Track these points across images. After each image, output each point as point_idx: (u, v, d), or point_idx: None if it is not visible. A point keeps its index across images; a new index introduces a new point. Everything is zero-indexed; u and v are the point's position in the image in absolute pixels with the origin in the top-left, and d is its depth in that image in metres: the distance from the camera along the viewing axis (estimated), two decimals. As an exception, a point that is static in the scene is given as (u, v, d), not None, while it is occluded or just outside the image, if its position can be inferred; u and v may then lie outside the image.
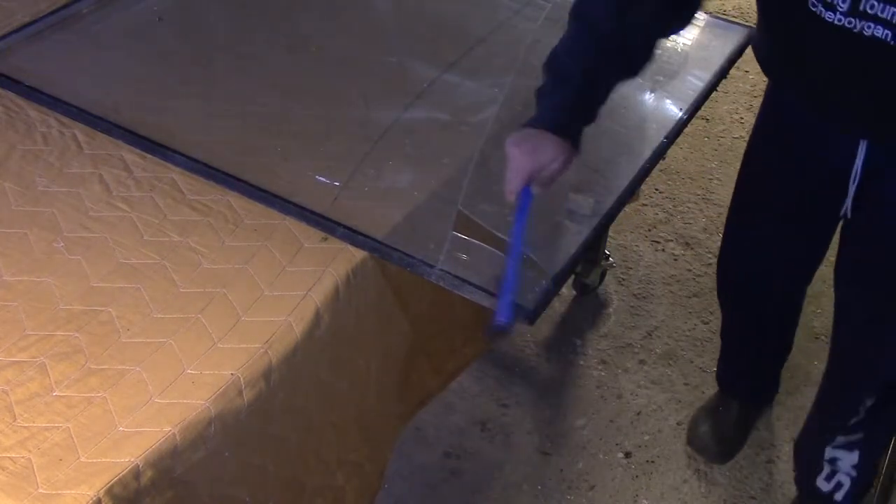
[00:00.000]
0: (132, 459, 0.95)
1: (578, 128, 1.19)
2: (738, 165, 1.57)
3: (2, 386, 1.03)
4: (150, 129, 1.40)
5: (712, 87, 1.65)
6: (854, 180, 1.34)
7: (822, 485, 1.68)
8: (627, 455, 1.93)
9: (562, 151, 1.15)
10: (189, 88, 1.55)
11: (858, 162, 1.32)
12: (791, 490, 1.85)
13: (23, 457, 0.95)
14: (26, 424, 0.99)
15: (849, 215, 1.42)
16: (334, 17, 1.79)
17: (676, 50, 1.76)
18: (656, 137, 1.50)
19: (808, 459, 1.72)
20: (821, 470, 1.67)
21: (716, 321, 2.24)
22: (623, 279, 2.35)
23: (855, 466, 1.62)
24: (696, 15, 1.29)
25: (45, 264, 1.19)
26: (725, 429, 1.93)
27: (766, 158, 1.50)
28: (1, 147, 1.37)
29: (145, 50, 1.64)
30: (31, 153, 1.37)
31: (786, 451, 1.94)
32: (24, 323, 1.11)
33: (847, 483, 1.66)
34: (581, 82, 1.17)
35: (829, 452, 1.63)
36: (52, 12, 1.67)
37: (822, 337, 2.17)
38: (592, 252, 2.17)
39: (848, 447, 1.62)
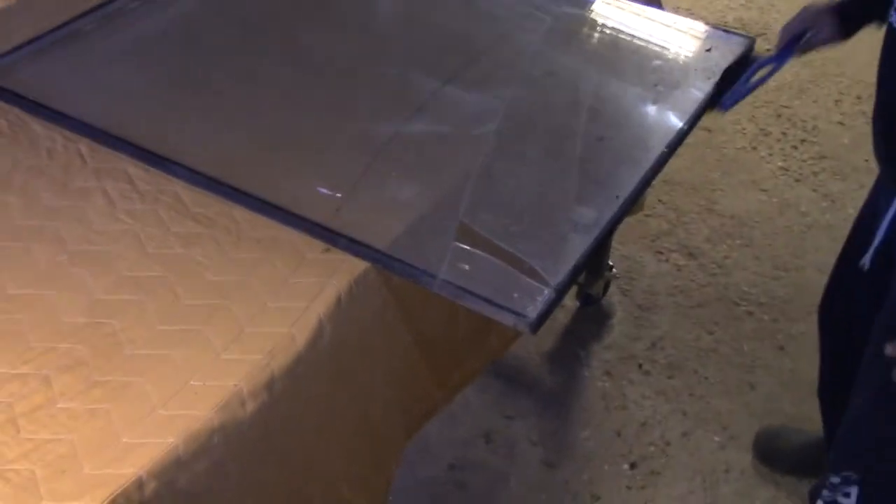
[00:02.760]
0: (135, 471, 0.95)
1: (858, 19, 1.46)
2: (740, 176, 1.59)
3: (6, 398, 1.03)
4: (154, 142, 1.41)
5: (713, 97, 1.66)
6: (881, 232, 1.38)
7: None
8: (632, 466, 1.93)
9: (831, 29, 1.45)
10: (191, 102, 1.56)
11: (889, 215, 1.35)
12: (798, 502, 1.84)
13: (26, 469, 0.95)
14: (30, 436, 0.99)
15: (866, 266, 1.42)
16: (336, 30, 1.79)
17: (678, 61, 1.76)
18: (658, 148, 1.50)
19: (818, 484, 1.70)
20: None
21: (720, 331, 2.24)
22: (627, 290, 2.35)
23: None
24: None
25: (48, 277, 1.19)
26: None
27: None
28: (5, 162, 1.38)
29: (148, 65, 1.64)
30: (35, 167, 1.38)
31: (792, 462, 1.93)
32: (28, 335, 1.11)
33: None
34: None
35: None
36: (56, 28, 1.68)
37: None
38: (596, 263, 2.17)
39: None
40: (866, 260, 1.44)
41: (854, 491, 1.48)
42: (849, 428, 1.50)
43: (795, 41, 1.51)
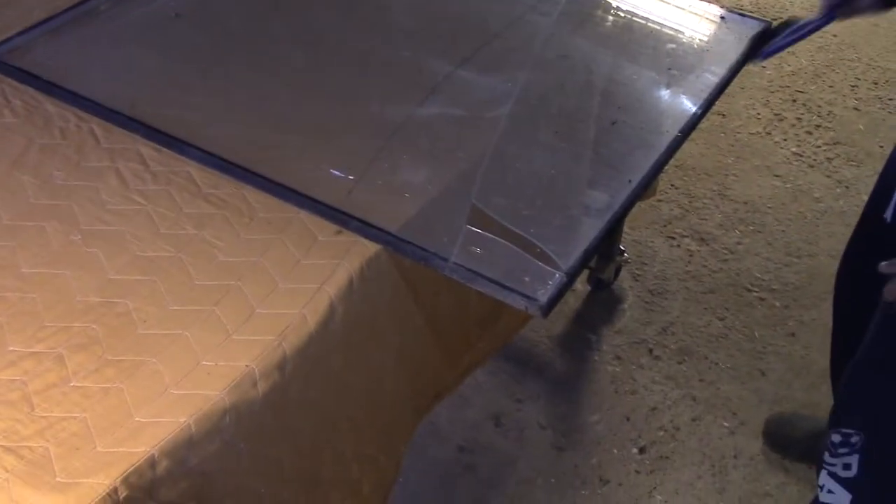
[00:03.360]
0: (148, 449, 0.96)
1: None
2: (754, 161, 1.58)
3: (20, 376, 1.04)
4: (167, 123, 1.41)
5: (728, 81, 1.64)
6: None
7: None
8: (642, 451, 1.93)
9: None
10: (205, 83, 1.56)
11: None
12: (807, 488, 1.84)
13: (40, 446, 0.96)
14: (44, 414, 1.00)
15: (888, 219, 1.41)
16: (349, 12, 1.79)
17: (692, 45, 1.75)
18: (671, 132, 1.50)
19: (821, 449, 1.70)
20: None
21: (731, 317, 2.23)
22: (638, 275, 2.35)
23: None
24: None
25: (62, 257, 1.20)
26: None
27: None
28: (19, 141, 1.39)
29: (162, 45, 1.65)
30: (49, 147, 1.38)
31: (801, 448, 1.93)
32: (42, 314, 1.12)
33: None
34: None
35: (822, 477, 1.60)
36: (70, 8, 1.68)
37: (839, 333, 2.16)
38: (607, 247, 2.17)
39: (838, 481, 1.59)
40: (889, 213, 1.43)
41: (854, 461, 1.48)
42: (849, 380, 1.49)
43: (837, 7, 1.49)
